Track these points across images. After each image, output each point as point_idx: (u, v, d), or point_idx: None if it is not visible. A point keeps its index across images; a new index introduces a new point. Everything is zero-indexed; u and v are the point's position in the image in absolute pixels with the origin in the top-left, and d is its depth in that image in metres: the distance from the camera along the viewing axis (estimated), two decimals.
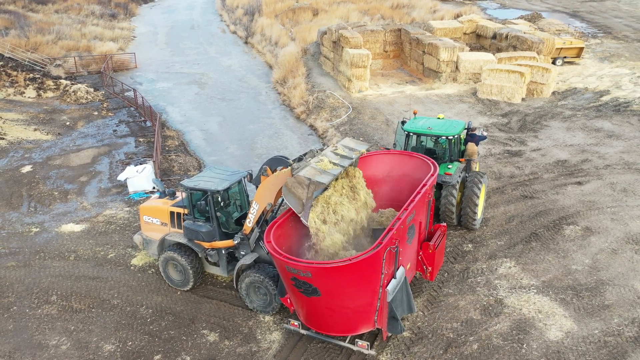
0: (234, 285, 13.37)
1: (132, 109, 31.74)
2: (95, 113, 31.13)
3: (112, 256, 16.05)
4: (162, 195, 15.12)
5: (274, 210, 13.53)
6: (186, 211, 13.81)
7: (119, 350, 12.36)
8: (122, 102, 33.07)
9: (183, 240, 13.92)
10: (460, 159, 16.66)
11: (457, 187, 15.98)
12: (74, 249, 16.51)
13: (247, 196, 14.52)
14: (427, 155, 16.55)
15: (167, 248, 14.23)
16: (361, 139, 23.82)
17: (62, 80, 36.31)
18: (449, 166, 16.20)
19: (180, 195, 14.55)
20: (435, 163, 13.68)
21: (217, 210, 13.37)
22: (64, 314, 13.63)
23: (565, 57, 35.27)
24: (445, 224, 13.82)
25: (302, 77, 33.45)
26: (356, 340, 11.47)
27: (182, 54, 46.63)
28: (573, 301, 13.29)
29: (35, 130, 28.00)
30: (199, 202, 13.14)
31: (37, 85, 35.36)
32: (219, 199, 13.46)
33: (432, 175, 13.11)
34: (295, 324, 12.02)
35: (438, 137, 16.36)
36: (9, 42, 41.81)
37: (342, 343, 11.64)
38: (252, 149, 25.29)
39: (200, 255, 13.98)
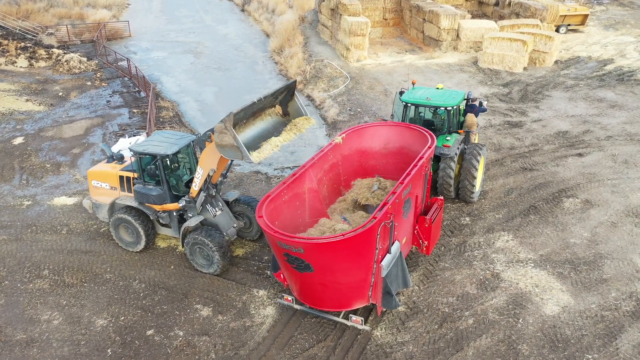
0: (181, 245, 13.97)
1: (126, 79, 31.14)
2: (89, 83, 30.55)
3: (104, 230, 15.83)
4: (110, 159, 15.19)
5: (223, 174, 14.15)
6: (136, 175, 14.06)
7: (111, 325, 12.25)
8: (115, 72, 32.43)
9: (134, 204, 14.23)
10: (459, 131, 16.27)
11: (456, 159, 15.65)
12: (67, 223, 16.29)
13: (197, 160, 14.56)
14: (426, 126, 16.20)
15: (117, 211, 14.48)
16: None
17: (54, 50, 35.55)
18: (448, 138, 15.82)
19: (129, 160, 14.60)
20: (433, 135, 13.32)
21: (167, 174, 13.71)
22: (56, 288, 13.48)
23: (569, 25, 34.46)
24: (442, 198, 13.54)
25: (299, 46, 32.73)
26: (350, 315, 11.34)
27: (178, 22, 45.65)
28: (570, 275, 13.13)
29: (27, 101, 27.49)
30: (149, 166, 13.51)
31: (29, 54, 34.64)
32: (169, 162, 13.86)
33: (430, 147, 12.76)
34: (289, 299, 11.87)
35: (437, 108, 15.94)
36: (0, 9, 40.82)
37: (335, 318, 11.51)
38: None
39: (151, 218, 14.35)
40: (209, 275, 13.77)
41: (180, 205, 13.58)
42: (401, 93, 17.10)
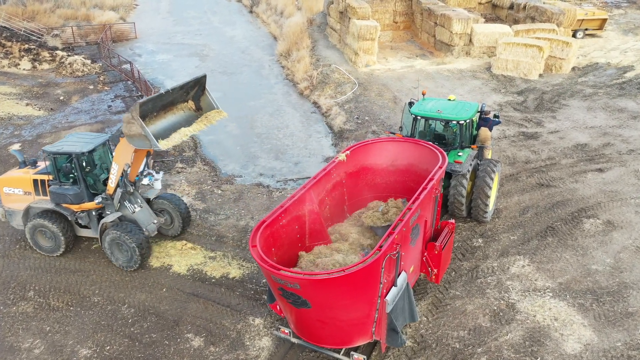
0: (99, 243, 13.92)
1: (129, 82, 30.42)
2: (91, 87, 29.87)
3: (96, 247, 15.02)
4: (22, 165, 14.91)
5: (143, 172, 14.35)
6: (51, 177, 13.94)
7: (95, 355, 11.41)
8: (119, 75, 31.73)
9: (50, 206, 14.05)
10: (472, 146, 15.26)
11: (468, 176, 14.67)
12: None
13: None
14: (436, 140, 15.26)
15: (33, 216, 14.22)
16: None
17: (58, 52, 34.95)
18: (460, 153, 14.85)
19: (44, 164, 14.40)
20: (445, 154, 12.33)
21: (83, 173, 13.69)
22: (40, 312, 12.68)
23: (586, 29, 33.26)
24: (453, 221, 12.56)
25: (306, 50, 31.82)
26: (352, 352, 10.40)
27: (185, 23, 44.94)
28: (593, 307, 12.09)
29: (27, 105, 26.84)
30: (64, 165, 13.45)
31: (32, 56, 34.07)
32: (84, 161, 13.76)
33: (440, 167, 11.79)
34: (286, 331, 10.95)
35: (448, 121, 14.95)
36: (5, 10, 40.27)
37: (336, 355, 10.54)
38: (251, 127, 24.00)
39: (70, 219, 14.17)
40: (203, 300, 12.91)
41: (97, 202, 13.63)
42: (410, 104, 16.14)
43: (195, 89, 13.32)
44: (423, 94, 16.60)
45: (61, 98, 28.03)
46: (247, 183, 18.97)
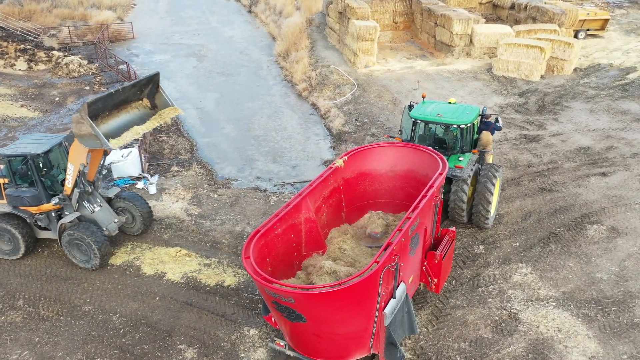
0: (59, 243, 13.86)
1: (125, 83, 30.02)
2: (87, 88, 29.51)
3: None
4: None
5: (101, 172, 14.29)
6: (6, 180, 13.90)
7: None
8: (116, 76, 31.36)
9: (8, 209, 14.01)
10: (473, 150, 14.91)
11: (469, 181, 14.32)
12: (48, 244, 15.14)
13: None
14: (437, 144, 14.91)
15: None
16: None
17: (54, 52, 34.56)
18: (460, 158, 14.49)
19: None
20: (445, 160, 11.98)
21: (40, 174, 13.62)
22: (29, 322, 12.34)
23: (588, 30, 32.87)
24: (454, 229, 12.21)
25: (305, 51, 31.44)
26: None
27: (183, 23, 44.55)
28: (598, 317, 11.75)
29: (22, 106, 26.50)
30: (19, 167, 13.40)
31: (28, 57, 33.70)
32: (40, 162, 13.68)
33: (441, 174, 11.44)
34: (281, 343, 10.60)
35: (449, 125, 14.60)
36: (2, 10, 39.91)
37: None
38: (249, 129, 23.64)
39: (29, 222, 14.12)
40: (197, 309, 12.57)
41: (53, 202, 13.64)
42: (410, 107, 15.78)
43: (149, 87, 13.30)
44: (423, 97, 16.26)
45: (57, 99, 27.68)
46: (244, 187, 18.62)
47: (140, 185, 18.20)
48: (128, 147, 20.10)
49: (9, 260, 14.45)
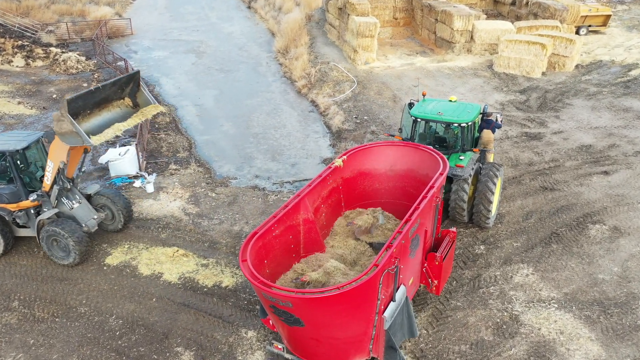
0: (37, 239, 13.83)
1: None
2: (85, 85, 29.29)
3: None
4: None
5: (81, 169, 14.42)
6: None
7: None
8: (114, 72, 31.11)
9: None
10: (474, 149, 14.71)
11: (470, 181, 14.13)
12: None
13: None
14: (437, 143, 14.72)
15: None
16: None
17: (52, 49, 34.31)
18: (461, 157, 14.30)
19: None
20: (446, 160, 11.80)
21: (18, 171, 13.63)
22: (24, 323, 12.18)
23: (589, 26, 32.62)
24: (455, 230, 12.03)
25: (305, 47, 31.21)
26: None
27: (182, 19, 44.31)
28: (600, 320, 11.59)
29: (19, 103, 26.26)
30: None
31: (25, 53, 33.45)
32: (18, 159, 13.78)
33: (441, 174, 11.26)
34: (279, 347, 10.44)
35: (449, 124, 14.40)
36: None
37: None
38: (248, 127, 23.44)
39: (7, 219, 14.07)
40: (194, 311, 12.41)
41: (32, 199, 13.60)
42: (410, 105, 15.58)
43: (130, 86, 13.30)
44: (423, 95, 16.04)
45: (54, 96, 27.46)
46: (242, 185, 18.44)
47: (137, 183, 18.02)
48: (125, 146, 19.94)
49: (4, 261, 14.28)
